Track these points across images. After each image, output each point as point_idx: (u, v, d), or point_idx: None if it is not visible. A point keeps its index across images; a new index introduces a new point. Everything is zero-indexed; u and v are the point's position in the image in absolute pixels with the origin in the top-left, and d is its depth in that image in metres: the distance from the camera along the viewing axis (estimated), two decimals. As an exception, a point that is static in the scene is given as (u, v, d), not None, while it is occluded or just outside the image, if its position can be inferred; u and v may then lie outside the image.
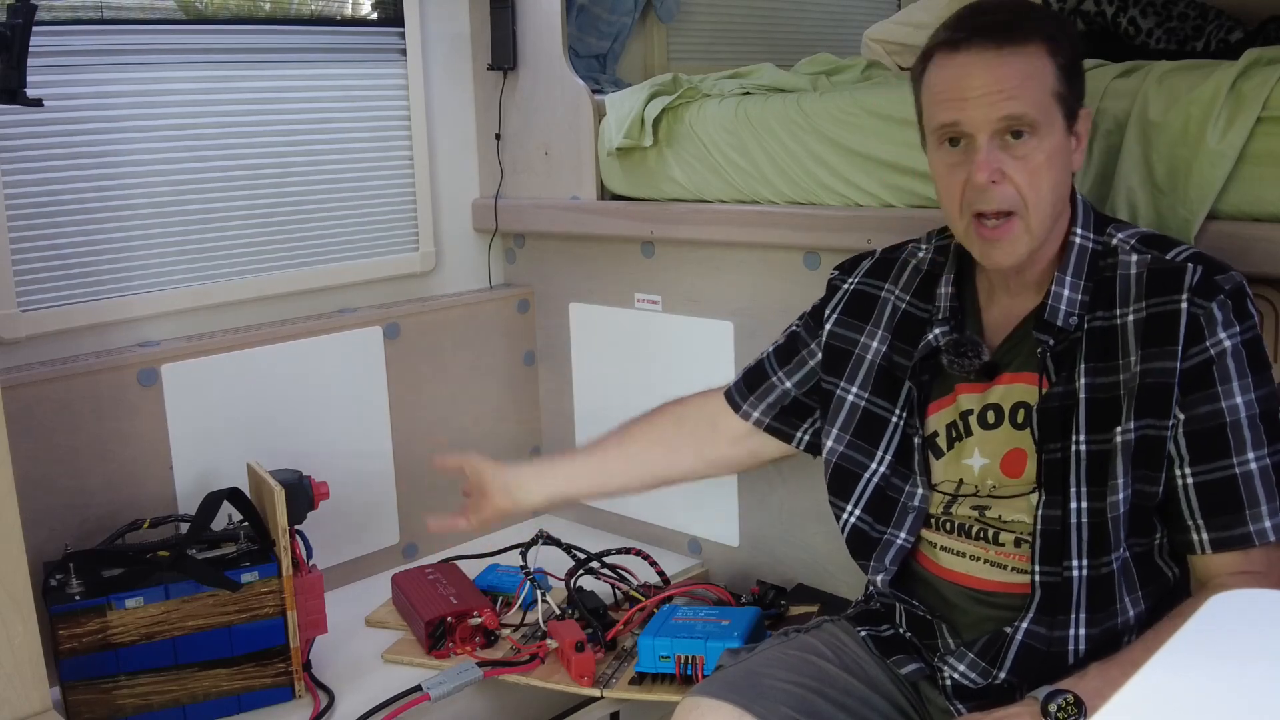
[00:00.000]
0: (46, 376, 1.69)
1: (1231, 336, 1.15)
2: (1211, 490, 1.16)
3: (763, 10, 3.01)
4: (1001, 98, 1.17)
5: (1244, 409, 1.15)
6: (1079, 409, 1.20)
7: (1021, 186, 1.19)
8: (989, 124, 1.18)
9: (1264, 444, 1.15)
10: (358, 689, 1.65)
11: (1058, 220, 1.24)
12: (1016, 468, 1.26)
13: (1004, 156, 1.19)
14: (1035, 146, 1.18)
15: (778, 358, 1.52)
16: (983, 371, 1.29)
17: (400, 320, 2.11)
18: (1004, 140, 1.19)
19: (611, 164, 2.08)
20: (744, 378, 1.56)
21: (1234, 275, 1.18)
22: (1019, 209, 1.19)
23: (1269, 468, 1.15)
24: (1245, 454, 1.15)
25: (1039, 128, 1.18)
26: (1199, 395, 1.15)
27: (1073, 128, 1.23)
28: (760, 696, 1.25)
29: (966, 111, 1.19)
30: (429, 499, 2.17)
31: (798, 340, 1.50)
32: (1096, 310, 1.22)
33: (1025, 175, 1.18)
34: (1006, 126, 1.18)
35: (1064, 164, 1.22)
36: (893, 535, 1.35)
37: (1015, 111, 1.17)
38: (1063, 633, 1.21)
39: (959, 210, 1.23)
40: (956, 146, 1.22)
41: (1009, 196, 1.19)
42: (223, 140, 1.92)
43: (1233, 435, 1.15)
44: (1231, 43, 1.79)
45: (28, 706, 1.31)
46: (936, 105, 1.23)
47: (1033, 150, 1.18)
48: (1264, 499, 1.14)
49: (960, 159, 1.21)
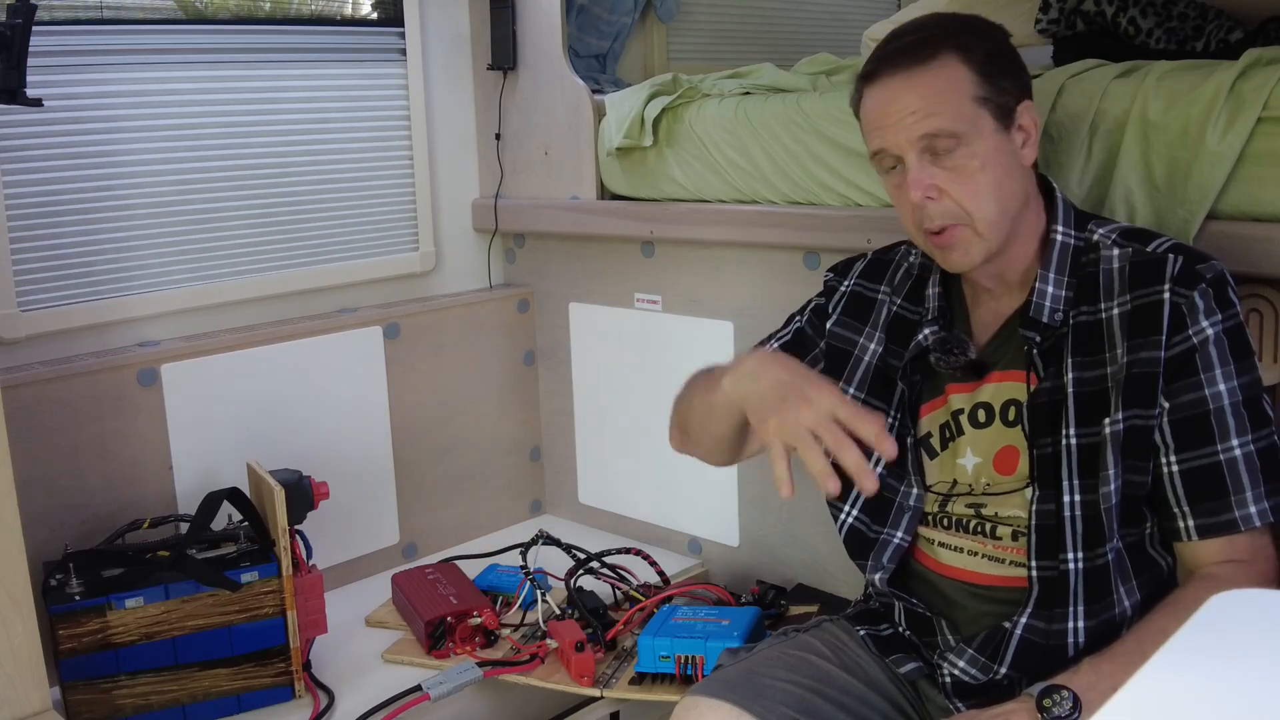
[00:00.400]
0: (46, 376, 1.69)
1: (1214, 325, 1.16)
2: (1196, 477, 1.17)
3: (763, 10, 3.01)
4: (916, 118, 1.20)
5: (1227, 396, 1.16)
6: (1067, 403, 1.21)
7: (959, 197, 1.21)
8: (911, 144, 1.21)
9: (1248, 430, 1.16)
10: (358, 689, 1.65)
11: (1020, 218, 1.25)
12: (1009, 465, 1.27)
13: (936, 171, 1.21)
14: (966, 155, 1.20)
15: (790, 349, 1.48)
16: (971, 370, 1.30)
17: (400, 320, 2.11)
18: (932, 156, 1.21)
19: (611, 164, 2.08)
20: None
21: (1215, 264, 1.19)
22: (961, 219, 1.22)
23: (1253, 454, 1.15)
24: (1229, 440, 1.15)
25: (964, 137, 1.19)
26: (1182, 383, 1.16)
27: (1012, 124, 1.23)
28: (759, 696, 1.25)
29: (889, 137, 1.22)
30: (429, 499, 2.18)
31: (804, 338, 1.48)
32: (1081, 305, 1.23)
33: (959, 186, 1.20)
34: (927, 145, 1.20)
35: (1005, 163, 1.22)
36: (889, 535, 1.36)
37: (931, 129, 1.20)
38: (1061, 626, 1.22)
39: (915, 227, 1.26)
40: (894, 170, 1.25)
41: (948, 209, 1.21)
42: (222, 140, 1.92)
43: (1216, 422, 1.15)
44: (1231, 43, 1.79)
45: (27, 706, 1.31)
46: (867, 135, 1.27)
47: (964, 160, 1.20)
48: (1248, 485, 1.15)
49: (900, 180, 1.24)
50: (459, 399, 2.22)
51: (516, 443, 2.34)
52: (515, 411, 2.33)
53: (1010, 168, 1.22)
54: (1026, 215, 1.26)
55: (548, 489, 2.39)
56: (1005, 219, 1.23)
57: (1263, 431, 1.16)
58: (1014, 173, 1.23)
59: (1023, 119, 1.24)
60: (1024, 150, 1.24)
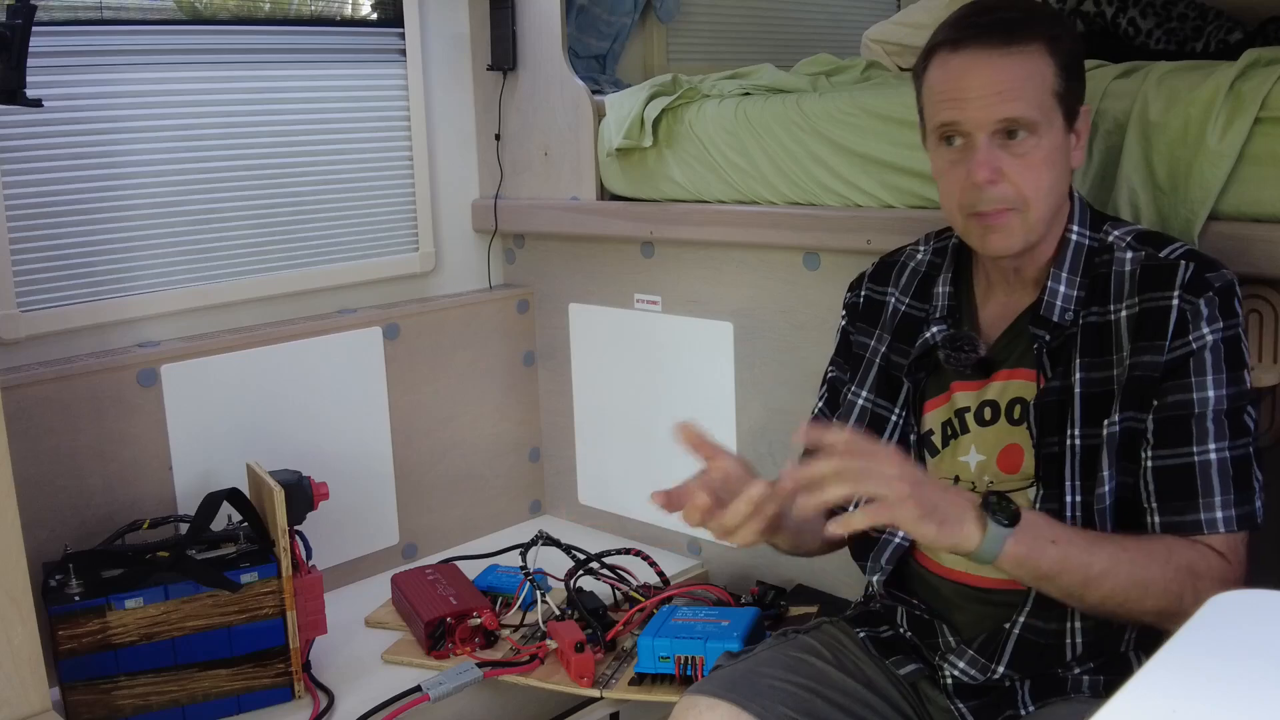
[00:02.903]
0: (46, 377, 1.69)
1: (1214, 332, 1.17)
2: (1169, 475, 1.17)
3: (763, 10, 3.01)
4: (1001, 99, 1.18)
5: (1213, 402, 1.16)
6: (1074, 403, 1.22)
7: (1020, 185, 1.20)
8: (988, 124, 1.19)
9: (1226, 437, 1.16)
10: (357, 689, 1.65)
11: (1055, 217, 1.25)
12: (1014, 463, 1.27)
13: (1002, 155, 1.20)
14: (1034, 145, 1.19)
15: (829, 409, 1.47)
16: (979, 368, 1.30)
17: (400, 321, 2.11)
18: (1003, 139, 1.20)
19: (611, 164, 2.08)
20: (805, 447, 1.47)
21: (1225, 273, 1.19)
22: (1018, 206, 1.21)
23: (1227, 460, 1.16)
24: (1206, 444, 1.16)
25: (1038, 127, 1.19)
26: (1173, 384, 1.17)
27: (1073, 126, 1.24)
28: (758, 695, 1.25)
29: (966, 111, 1.20)
30: (429, 500, 2.18)
31: (839, 384, 1.47)
32: (1091, 306, 1.23)
33: (1023, 174, 1.20)
34: (1005, 127, 1.19)
35: (1063, 162, 1.23)
36: (890, 535, 1.36)
37: (1014, 114, 1.18)
38: (1059, 625, 1.22)
39: (958, 206, 1.24)
40: (955, 144, 1.23)
41: (1006, 195, 1.20)
42: (222, 141, 1.92)
43: (1196, 425, 1.16)
44: (1231, 43, 1.79)
45: (27, 707, 1.31)
46: (936, 104, 1.24)
47: (1031, 149, 1.19)
48: (1218, 490, 1.15)
49: (959, 156, 1.23)
50: (459, 399, 2.22)
51: (516, 443, 2.34)
52: (515, 412, 2.33)
53: (1064, 167, 1.23)
54: (1059, 215, 1.26)
55: (547, 489, 2.39)
56: (1049, 215, 1.23)
57: (1240, 441, 1.16)
58: (1066, 173, 1.24)
59: (1081, 122, 1.25)
60: (1075, 152, 1.25)
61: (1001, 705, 1.26)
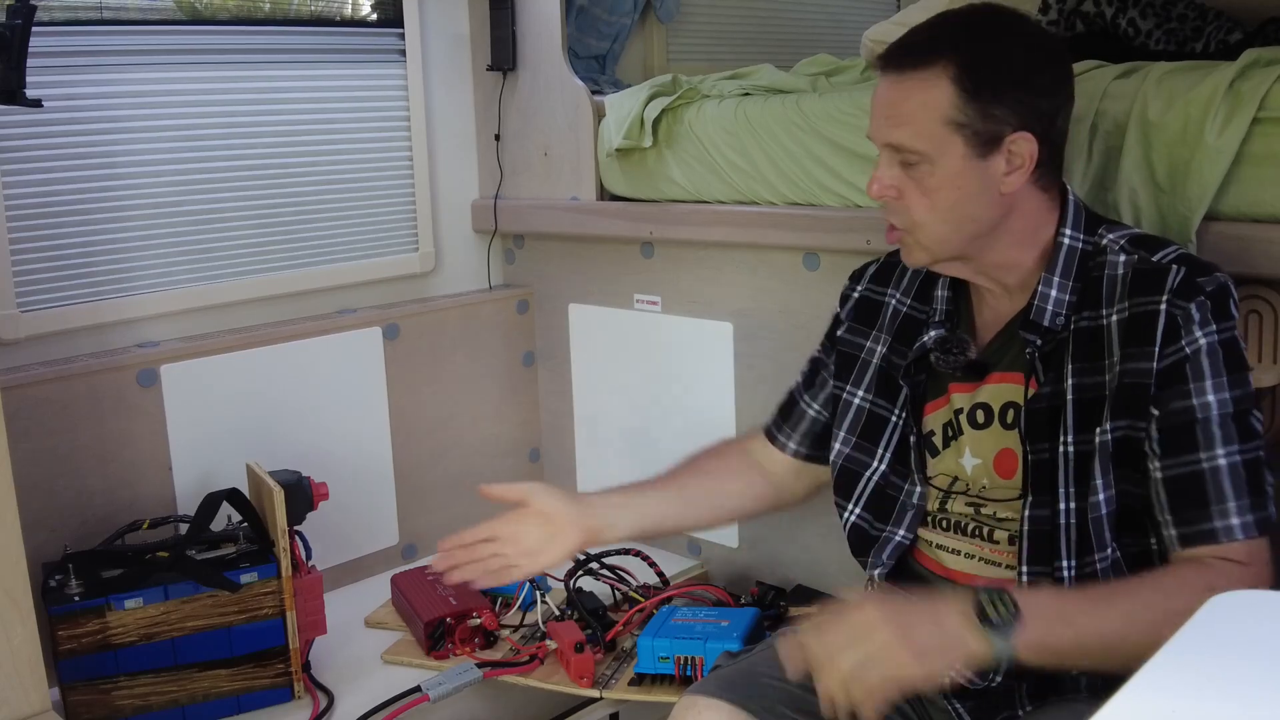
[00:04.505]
0: (46, 377, 1.69)
1: (1208, 335, 1.15)
2: (1179, 485, 1.15)
3: (762, 11, 3.01)
4: (888, 124, 1.21)
5: (1216, 407, 1.14)
6: (1066, 409, 1.21)
7: (909, 207, 1.22)
8: (880, 145, 1.23)
9: (1234, 441, 1.14)
10: (357, 690, 1.65)
11: (988, 236, 1.23)
12: (1009, 468, 1.26)
13: (902, 175, 1.22)
14: (926, 173, 1.20)
15: (805, 385, 1.52)
16: (971, 370, 1.30)
17: (400, 321, 2.11)
18: (902, 161, 1.22)
19: (611, 165, 2.08)
20: (779, 412, 1.54)
21: (1218, 276, 1.17)
22: (907, 227, 1.23)
23: (1238, 465, 1.14)
24: (1214, 450, 1.14)
25: (926, 156, 1.19)
26: (1172, 391, 1.15)
27: (995, 151, 1.18)
28: (758, 695, 1.25)
29: (871, 128, 1.25)
30: (429, 500, 2.18)
31: (819, 364, 1.50)
32: (1084, 310, 1.22)
33: (914, 197, 1.22)
34: (894, 150, 1.22)
35: (968, 188, 1.19)
36: (891, 532, 1.36)
37: (895, 140, 1.21)
38: None
39: None
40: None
41: (901, 212, 1.24)
42: (222, 141, 1.92)
43: (1202, 432, 1.14)
44: (1231, 44, 1.79)
45: (27, 707, 1.31)
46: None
47: (924, 175, 1.21)
48: (1231, 496, 1.14)
49: None
50: (458, 400, 2.22)
51: (516, 444, 2.33)
52: (514, 412, 2.33)
53: (975, 193, 1.20)
54: (1008, 229, 1.23)
55: (547, 490, 2.38)
56: (957, 237, 1.23)
57: (1249, 445, 1.15)
58: (980, 198, 1.20)
59: (1014, 147, 1.18)
60: (1007, 177, 1.20)
61: (999, 706, 1.26)
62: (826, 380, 1.48)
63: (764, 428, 1.56)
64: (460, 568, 1.40)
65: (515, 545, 1.40)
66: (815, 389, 1.50)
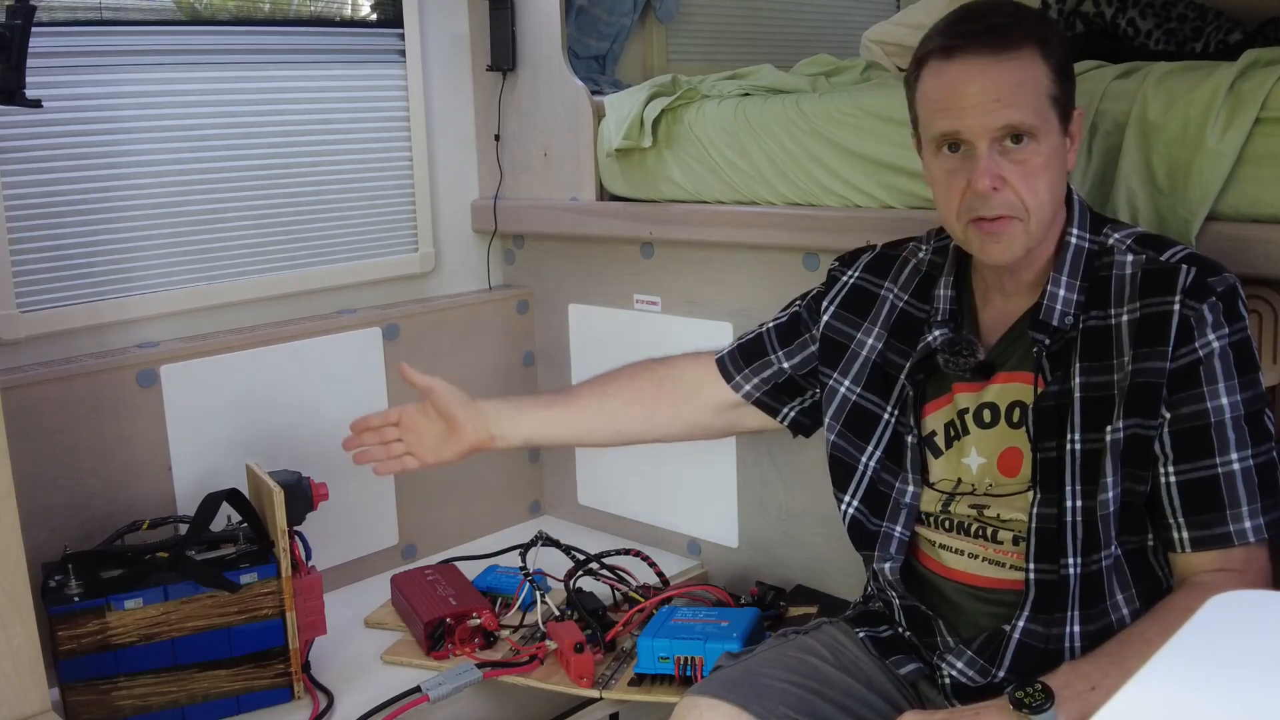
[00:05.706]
0: (46, 377, 1.69)
1: (1220, 338, 1.16)
2: (1193, 489, 1.16)
3: (762, 11, 3.01)
4: (1000, 106, 1.17)
5: (1229, 410, 1.15)
6: (1074, 408, 1.21)
7: (1021, 192, 1.19)
8: (988, 132, 1.18)
9: (1248, 445, 1.15)
10: (357, 690, 1.65)
11: (1054, 221, 1.25)
12: (1013, 467, 1.27)
13: (1003, 162, 1.19)
14: (1034, 151, 1.19)
15: (779, 335, 1.52)
16: (978, 370, 1.29)
17: (400, 321, 2.11)
18: (1003, 146, 1.19)
19: (611, 165, 2.08)
20: (740, 350, 1.55)
21: (1227, 277, 1.18)
22: (1019, 214, 1.20)
23: (1251, 469, 1.15)
24: (1229, 454, 1.15)
25: (1037, 133, 1.18)
26: (1185, 395, 1.16)
27: (1067, 129, 1.23)
28: (759, 696, 1.25)
29: (965, 120, 1.19)
30: (428, 500, 2.18)
31: (800, 322, 1.51)
32: (1091, 310, 1.23)
33: (1024, 180, 1.19)
34: (1006, 134, 1.19)
35: (1060, 166, 1.22)
36: (890, 528, 1.36)
37: (1014, 120, 1.18)
38: (1059, 630, 1.22)
39: (956, 215, 1.23)
40: (955, 152, 1.22)
41: (1009, 202, 1.20)
42: (222, 141, 1.92)
43: (1216, 435, 1.15)
44: (1231, 44, 1.79)
45: (27, 707, 1.31)
46: (934, 113, 1.23)
47: (1031, 155, 1.19)
48: (1245, 499, 1.15)
49: (959, 165, 1.22)
50: (458, 400, 2.21)
51: (516, 444, 2.33)
52: (515, 412, 2.32)
53: (1061, 171, 1.23)
54: (1057, 219, 1.26)
55: (547, 490, 2.39)
56: (1050, 220, 1.23)
57: (1262, 447, 1.15)
58: (1063, 176, 1.24)
59: (1075, 125, 1.24)
60: (1070, 155, 1.24)
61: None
62: (808, 345, 1.49)
63: (716, 358, 1.57)
64: (367, 450, 1.58)
65: (416, 437, 1.57)
66: (793, 347, 1.50)
